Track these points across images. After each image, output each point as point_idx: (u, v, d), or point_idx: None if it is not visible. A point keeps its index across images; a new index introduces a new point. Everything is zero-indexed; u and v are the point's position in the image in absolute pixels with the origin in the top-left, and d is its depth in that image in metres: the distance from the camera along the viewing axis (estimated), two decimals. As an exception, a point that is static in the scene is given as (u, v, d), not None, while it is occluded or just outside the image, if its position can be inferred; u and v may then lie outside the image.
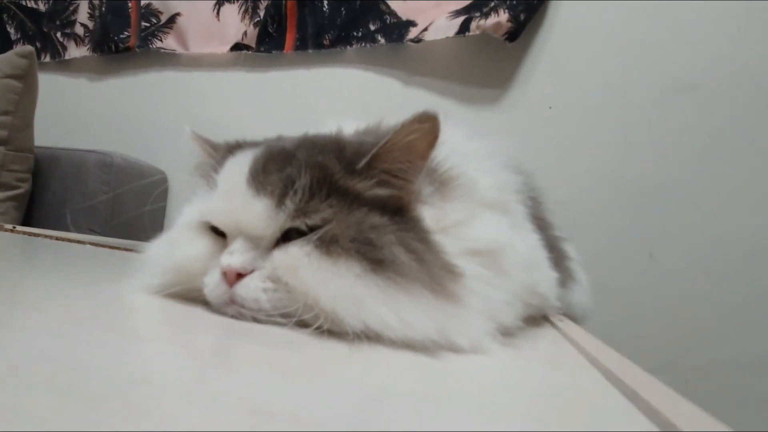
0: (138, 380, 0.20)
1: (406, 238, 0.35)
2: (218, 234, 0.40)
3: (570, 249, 0.66)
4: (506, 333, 0.37)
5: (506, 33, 1.13)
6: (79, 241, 0.83)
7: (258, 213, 0.36)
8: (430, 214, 0.38)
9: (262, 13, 1.44)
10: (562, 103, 1.14)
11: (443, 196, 0.39)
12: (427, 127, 0.36)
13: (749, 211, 1.00)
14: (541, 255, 0.46)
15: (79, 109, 1.67)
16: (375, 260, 0.33)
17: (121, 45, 1.59)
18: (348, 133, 0.46)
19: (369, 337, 0.32)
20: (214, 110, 1.50)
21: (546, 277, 0.46)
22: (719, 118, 1.04)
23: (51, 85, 1.67)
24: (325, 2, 1.39)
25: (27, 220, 1.35)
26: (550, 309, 0.49)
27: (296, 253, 0.35)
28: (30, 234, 0.84)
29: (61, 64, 1.71)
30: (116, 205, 1.33)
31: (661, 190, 1.05)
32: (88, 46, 1.66)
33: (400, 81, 1.30)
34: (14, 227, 0.90)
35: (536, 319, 0.47)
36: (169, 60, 1.57)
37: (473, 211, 0.39)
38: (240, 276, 0.35)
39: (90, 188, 1.32)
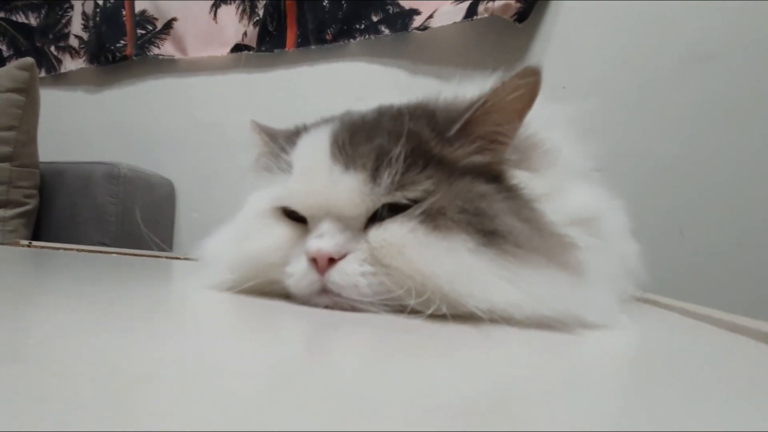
0: (272, 378, 0.18)
1: (517, 206, 0.32)
2: (296, 220, 0.36)
3: None
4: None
5: (515, 13, 1.11)
6: (104, 252, 0.81)
7: (350, 189, 0.33)
8: (522, 181, 0.35)
9: (261, 12, 1.42)
10: (576, 82, 1.12)
11: (530, 163, 0.36)
12: (531, 82, 0.33)
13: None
14: (625, 225, 0.44)
15: (79, 122, 1.64)
16: (488, 232, 0.30)
17: (118, 54, 1.56)
18: None
19: (492, 318, 0.28)
20: (217, 114, 1.47)
21: (634, 248, 0.43)
22: (739, 88, 1.02)
23: (49, 99, 1.63)
24: (325, -3, 1.36)
25: (35, 236, 1.32)
26: (638, 283, 0.45)
27: (398, 230, 0.31)
28: (49, 248, 0.81)
29: (58, 77, 1.68)
30: (125, 217, 1.30)
31: (686, 163, 1.04)
32: (84, 58, 1.63)
33: (407, 71, 1.27)
34: (30, 243, 0.87)
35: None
36: (168, 66, 1.54)
37: (564, 180, 0.37)
38: (332, 261, 0.32)
39: (99, 201, 1.29)
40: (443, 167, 0.33)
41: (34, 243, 0.87)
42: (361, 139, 0.34)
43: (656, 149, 1.06)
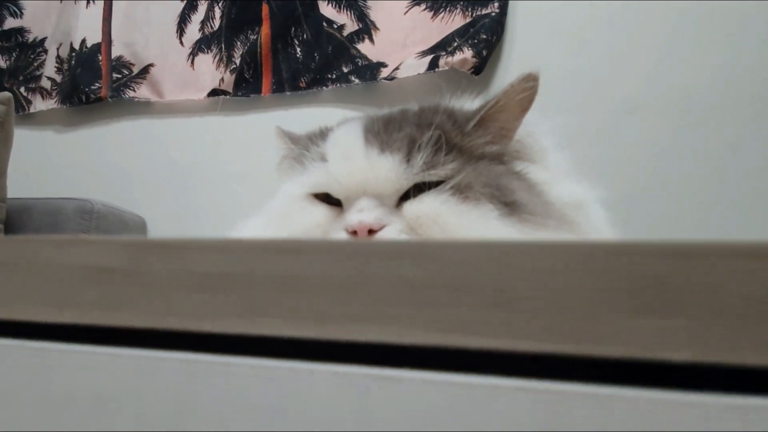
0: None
1: (527, 185, 0.40)
2: (329, 204, 0.41)
3: None
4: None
5: (472, 67, 1.27)
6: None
7: (387, 169, 0.38)
8: (524, 169, 0.43)
9: (237, 61, 1.52)
10: (545, 120, 1.28)
11: (530, 156, 0.45)
12: (532, 86, 0.42)
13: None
14: (604, 215, 0.50)
15: (48, 161, 1.64)
16: (509, 203, 0.37)
17: (92, 96, 1.60)
18: None
19: None
20: (193, 154, 1.52)
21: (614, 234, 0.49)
22: (659, 133, 1.20)
23: (17, 138, 1.63)
24: (298, 49, 1.48)
25: None
26: None
27: (432, 202, 0.37)
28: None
29: (26, 117, 1.69)
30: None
31: (625, 196, 1.19)
32: (55, 99, 1.66)
33: (377, 116, 1.39)
34: None
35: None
36: (143, 108, 1.59)
37: (553, 173, 0.45)
38: (371, 233, 0.36)
39: (69, 235, 1.29)
40: (463, 154, 0.40)
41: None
42: (394, 128, 0.41)
43: (599, 185, 1.21)
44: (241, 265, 0.14)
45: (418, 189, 0.39)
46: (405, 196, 0.39)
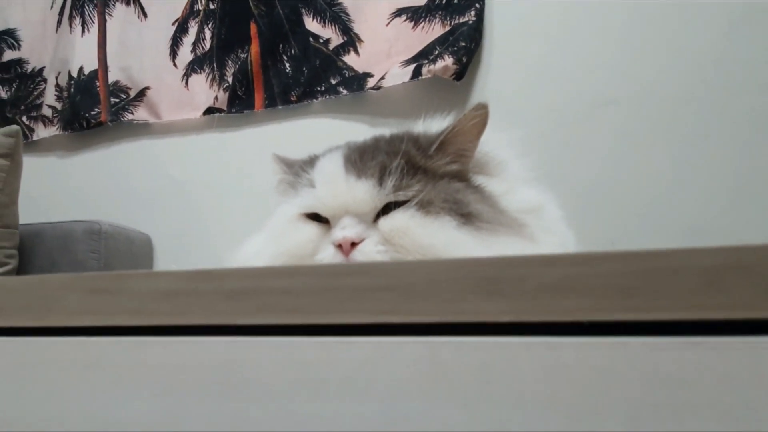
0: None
1: (482, 197, 0.46)
2: (319, 222, 0.48)
3: None
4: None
5: (453, 74, 1.33)
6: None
7: (364, 192, 0.45)
8: (483, 183, 0.49)
9: (230, 79, 1.58)
10: (508, 125, 1.34)
11: (488, 170, 0.51)
12: (482, 113, 0.49)
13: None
14: (560, 214, 0.56)
15: (52, 186, 1.70)
16: (465, 214, 0.44)
17: (92, 121, 1.67)
18: None
19: None
20: (191, 171, 1.59)
21: (570, 237, 0.54)
22: (637, 126, 1.26)
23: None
24: (287, 64, 1.55)
25: (15, 296, 1.35)
26: None
27: (401, 217, 0.44)
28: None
29: (30, 145, 1.75)
30: (107, 271, 1.37)
31: (604, 186, 1.25)
32: (57, 126, 1.72)
33: (366, 124, 1.45)
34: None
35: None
36: (142, 129, 1.65)
37: (512, 183, 0.51)
38: (354, 245, 0.43)
39: (80, 257, 1.35)
40: (427, 174, 0.47)
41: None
42: (368, 157, 0.48)
43: (580, 174, 1.27)
44: (250, 282, 0.21)
45: (390, 207, 0.46)
46: (381, 213, 0.46)
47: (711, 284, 0.16)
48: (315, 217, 0.48)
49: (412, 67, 1.38)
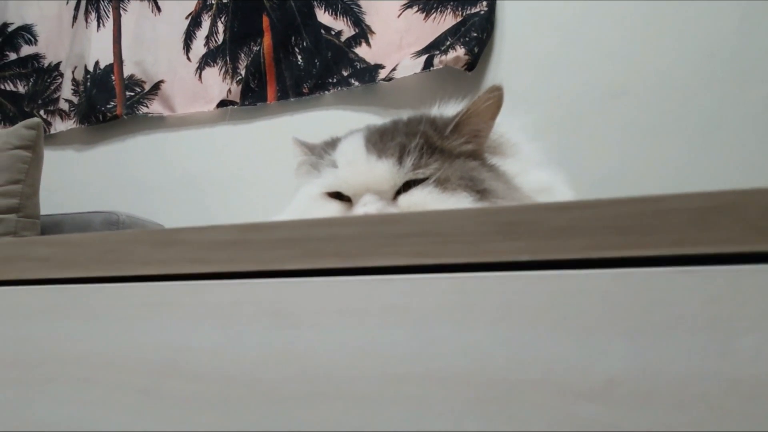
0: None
1: (496, 175, 0.48)
2: (341, 200, 0.50)
3: None
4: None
5: (465, 64, 1.34)
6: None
7: (384, 171, 0.47)
8: (497, 163, 0.52)
9: (243, 72, 1.61)
10: (515, 119, 1.35)
11: (502, 151, 0.53)
12: (496, 95, 0.50)
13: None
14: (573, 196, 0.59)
15: (70, 178, 1.74)
16: (480, 190, 0.46)
17: (108, 114, 1.70)
18: None
19: None
20: (205, 164, 1.62)
21: None
22: (647, 116, 1.27)
23: (41, 158, 1.74)
24: (299, 57, 1.57)
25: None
26: None
27: (420, 193, 0.46)
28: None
29: (47, 138, 1.79)
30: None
31: (614, 176, 1.26)
32: (74, 119, 1.76)
33: (377, 115, 1.48)
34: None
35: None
36: (156, 123, 1.69)
37: (525, 165, 0.53)
38: None
39: (99, 245, 1.39)
40: (444, 154, 0.49)
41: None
42: (387, 138, 0.50)
43: (591, 165, 1.28)
44: (297, 231, 0.24)
45: (409, 184, 0.48)
46: (400, 191, 0.48)
47: (700, 223, 0.19)
48: (337, 196, 0.50)
49: (424, 58, 1.39)
